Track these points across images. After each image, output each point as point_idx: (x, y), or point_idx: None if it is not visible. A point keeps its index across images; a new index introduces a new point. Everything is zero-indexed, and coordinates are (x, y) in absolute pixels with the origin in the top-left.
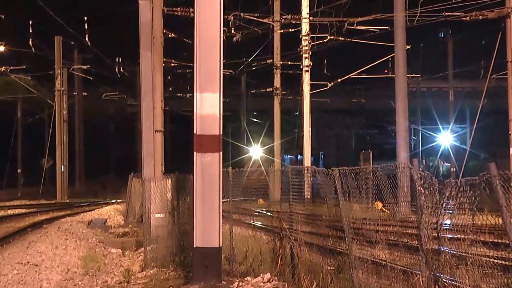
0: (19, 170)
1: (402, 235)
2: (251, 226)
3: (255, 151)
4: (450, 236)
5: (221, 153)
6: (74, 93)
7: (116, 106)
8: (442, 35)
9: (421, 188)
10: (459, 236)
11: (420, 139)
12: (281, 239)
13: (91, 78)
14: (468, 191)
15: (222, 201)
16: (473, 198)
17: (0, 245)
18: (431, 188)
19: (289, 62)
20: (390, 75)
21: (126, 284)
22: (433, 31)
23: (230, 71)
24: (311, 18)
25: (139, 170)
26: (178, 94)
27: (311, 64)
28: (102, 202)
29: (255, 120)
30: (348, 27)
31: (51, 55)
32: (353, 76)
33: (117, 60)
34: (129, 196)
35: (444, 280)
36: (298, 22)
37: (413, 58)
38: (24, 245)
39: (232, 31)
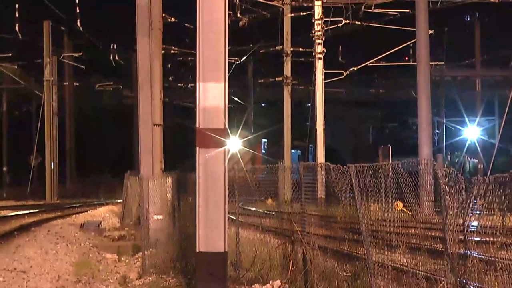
0: (4, 168)
1: (425, 238)
2: (259, 228)
3: (233, 144)
4: (478, 239)
5: (226, 148)
6: (65, 84)
7: (111, 98)
8: (469, 19)
9: (446, 187)
10: (487, 239)
11: (444, 133)
12: (292, 243)
13: (83, 67)
14: (497, 190)
15: (228, 201)
16: (503, 197)
17: None
18: (457, 187)
19: (301, 49)
20: (411, 63)
21: None
22: (459, 15)
23: (236, 58)
24: (324, 0)
25: (136, 168)
26: (179, 84)
27: (325, 51)
28: (95, 202)
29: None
30: (365, 10)
31: (39, 41)
32: (370, 64)
33: (111, 47)
34: (126, 196)
35: (471, 287)
36: (310, 4)
37: (436, 44)
38: (11, 250)
39: (238, 15)
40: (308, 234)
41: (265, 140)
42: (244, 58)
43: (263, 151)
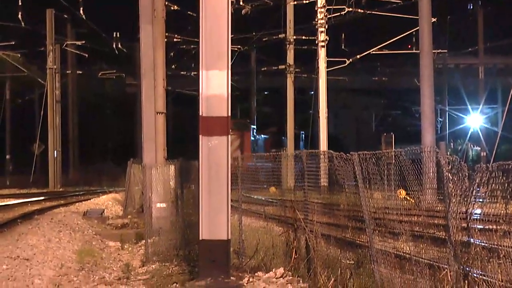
0: (7, 156)
1: (428, 226)
2: (262, 216)
3: None
4: (481, 226)
5: (229, 136)
6: (68, 72)
7: (114, 86)
8: (471, 7)
9: (449, 174)
10: (490, 226)
11: (447, 121)
12: (295, 231)
13: (86, 55)
14: (500, 177)
15: (231, 189)
16: (506, 185)
17: None
18: (460, 174)
19: (304, 37)
20: (414, 51)
21: (125, 280)
22: (462, 2)
23: (239, 46)
24: None
25: (139, 156)
26: (182, 72)
27: (328, 39)
28: (98, 190)
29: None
30: None
31: (42, 29)
32: (373, 52)
33: (114, 35)
34: (128, 184)
35: (474, 274)
36: None
37: (439, 32)
38: (14, 238)
39: (241, 3)
40: (311, 222)
41: (254, 126)
42: (248, 46)
43: (252, 138)
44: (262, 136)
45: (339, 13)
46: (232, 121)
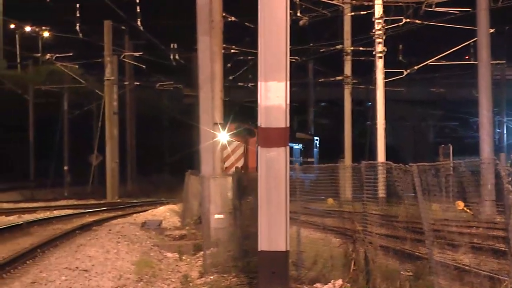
0: (65, 168)
1: (487, 238)
2: (320, 228)
3: (223, 136)
4: None
5: (288, 147)
6: (125, 83)
7: (171, 97)
8: None
9: (509, 186)
10: None
11: (505, 132)
12: (353, 242)
13: (144, 66)
14: None
15: (289, 201)
16: None
17: (46, 248)
18: None
19: (361, 48)
20: (472, 62)
21: None
22: None
23: (296, 58)
24: None
25: (197, 167)
26: (240, 84)
27: (385, 50)
28: (156, 201)
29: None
30: (426, 9)
31: (100, 41)
32: (431, 63)
33: (172, 46)
34: (186, 195)
35: None
36: (371, 3)
37: (497, 42)
38: (72, 249)
39: (298, 14)
40: (370, 233)
41: None
42: (305, 57)
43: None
44: None
45: (396, 24)
46: (231, 125)
